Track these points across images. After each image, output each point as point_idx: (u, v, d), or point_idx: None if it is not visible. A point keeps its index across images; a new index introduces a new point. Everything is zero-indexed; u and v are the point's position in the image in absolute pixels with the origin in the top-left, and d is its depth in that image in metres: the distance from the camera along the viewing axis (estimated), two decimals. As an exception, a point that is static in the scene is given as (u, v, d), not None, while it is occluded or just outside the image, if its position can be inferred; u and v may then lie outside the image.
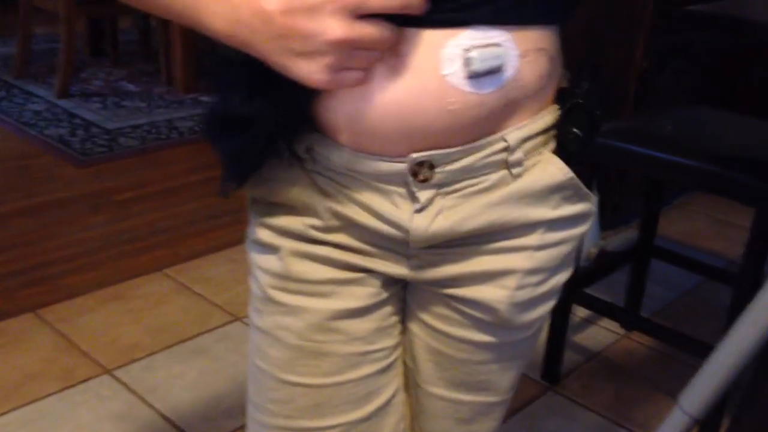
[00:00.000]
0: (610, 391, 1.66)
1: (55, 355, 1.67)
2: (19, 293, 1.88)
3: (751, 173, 1.34)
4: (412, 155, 0.59)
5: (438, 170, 0.60)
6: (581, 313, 1.90)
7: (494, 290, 0.65)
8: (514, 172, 0.62)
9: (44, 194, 2.40)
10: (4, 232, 2.15)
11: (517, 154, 0.61)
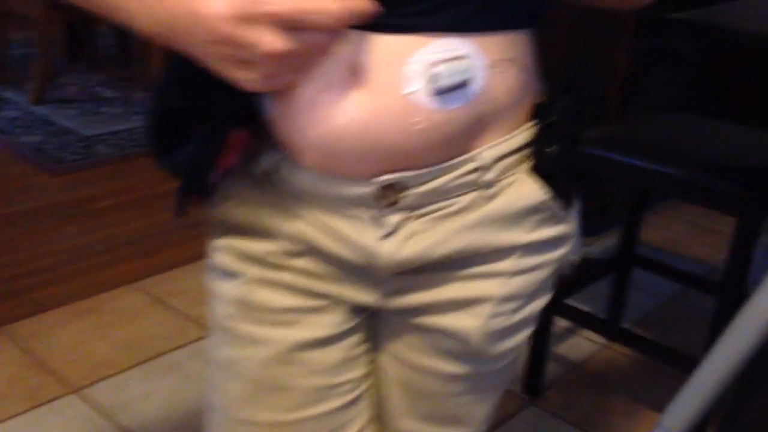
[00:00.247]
0: (593, 404, 1.64)
1: (23, 374, 1.62)
2: (-13, 308, 1.83)
3: (732, 181, 1.33)
4: (378, 178, 0.56)
5: (406, 193, 0.56)
6: (562, 324, 1.87)
7: (467, 319, 0.62)
8: (488, 192, 0.59)
9: (16, 204, 2.34)
10: (-26, 244, 2.10)
11: (491, 174, 0.58)
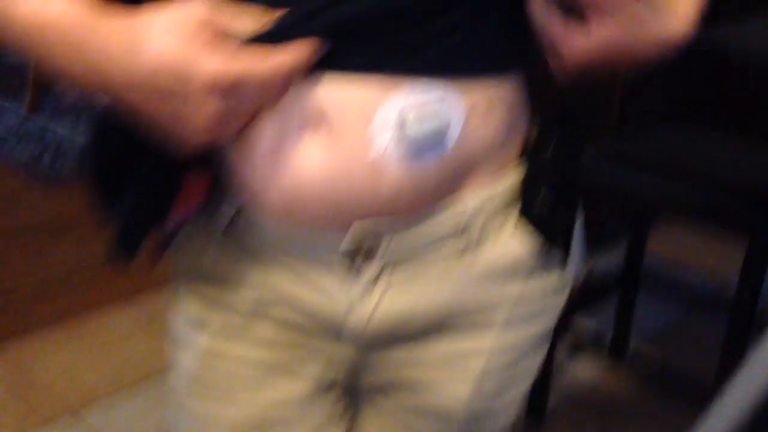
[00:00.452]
0: (598, 429, 1.58)
1: (13, 395, 1.57)
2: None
3: (742, 200, 1.27)
4: (350, 230, 0.51)
5: (383, 243, 0.51)
6: (567, 344, 1.82)
7: (454, 383, 0.56)
8: (473, 241, 0.53)
9: (6, 218, 2.29)
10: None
11: (476, 221, 0.53)
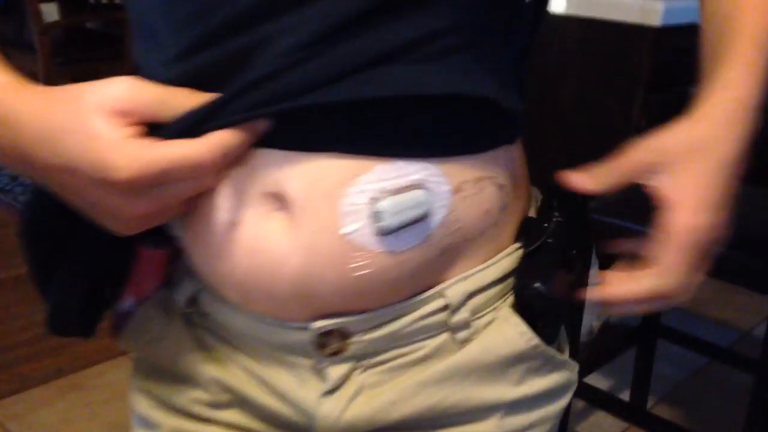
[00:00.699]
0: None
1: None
2: (-33, 385, 1.73)
3: (761, 255, 1.20)
4: (314, 324, 0.44)
5: (353, 339, 0.45)
6: (582, 403, 1.74)
7: None
8: (459, 336, 0.47)
9: (7, 269, 2.26)
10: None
11: (462, 314, 0.46)
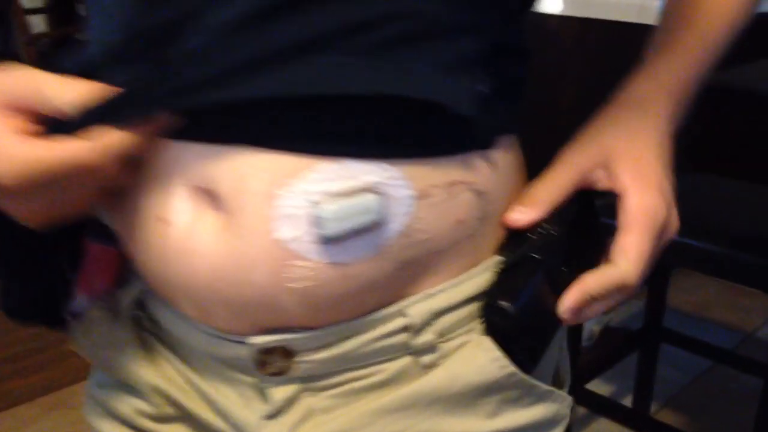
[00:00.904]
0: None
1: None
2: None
3: (763, 254, 1.16)
4: (252, 339, 0.39)
5: (299, 359, 0.40)
6: (584, 408, 1.69)
7: None
8: (424, 360, 0.41)
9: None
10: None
11: (426, 336, 0.40)
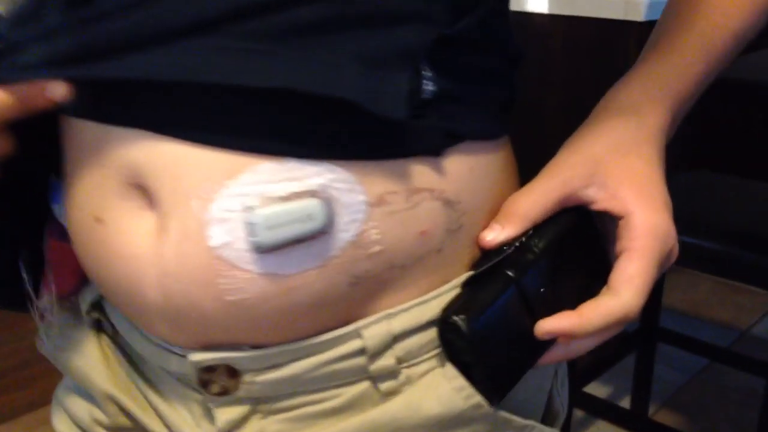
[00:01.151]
0: None
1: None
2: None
3: (761, 250, 1.15)
4: (193, 356, 0.37)
5: (247, 379, 0.37)
6: (582, 411, 1.67)
7: None
8: (384, 387, 0.38)
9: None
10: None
11: (385, 360, 0.37)
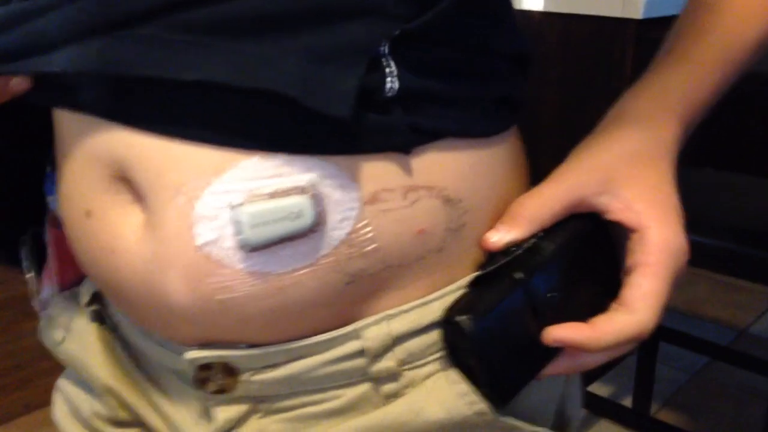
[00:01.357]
0: None
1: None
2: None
3: (762, 246, 1.15)
4: (188, 353, 0.36)
5: (244, 378, 0.36)
6: (585, 410, 1.67)
7: None
8: (385, 389, 0.37)
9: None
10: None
11: (386, 362, 0.36)
